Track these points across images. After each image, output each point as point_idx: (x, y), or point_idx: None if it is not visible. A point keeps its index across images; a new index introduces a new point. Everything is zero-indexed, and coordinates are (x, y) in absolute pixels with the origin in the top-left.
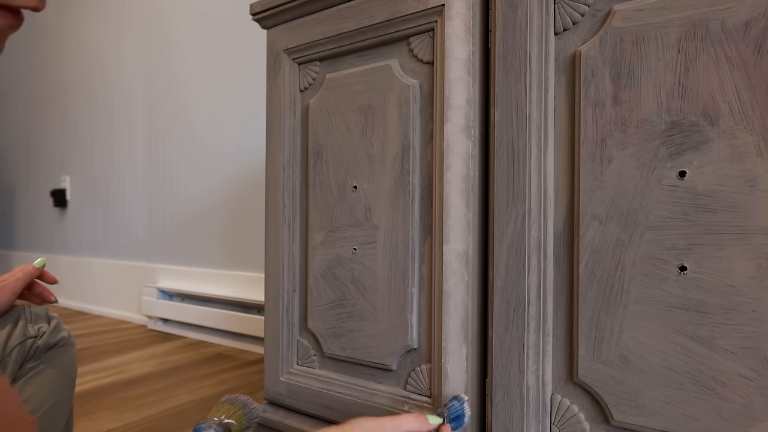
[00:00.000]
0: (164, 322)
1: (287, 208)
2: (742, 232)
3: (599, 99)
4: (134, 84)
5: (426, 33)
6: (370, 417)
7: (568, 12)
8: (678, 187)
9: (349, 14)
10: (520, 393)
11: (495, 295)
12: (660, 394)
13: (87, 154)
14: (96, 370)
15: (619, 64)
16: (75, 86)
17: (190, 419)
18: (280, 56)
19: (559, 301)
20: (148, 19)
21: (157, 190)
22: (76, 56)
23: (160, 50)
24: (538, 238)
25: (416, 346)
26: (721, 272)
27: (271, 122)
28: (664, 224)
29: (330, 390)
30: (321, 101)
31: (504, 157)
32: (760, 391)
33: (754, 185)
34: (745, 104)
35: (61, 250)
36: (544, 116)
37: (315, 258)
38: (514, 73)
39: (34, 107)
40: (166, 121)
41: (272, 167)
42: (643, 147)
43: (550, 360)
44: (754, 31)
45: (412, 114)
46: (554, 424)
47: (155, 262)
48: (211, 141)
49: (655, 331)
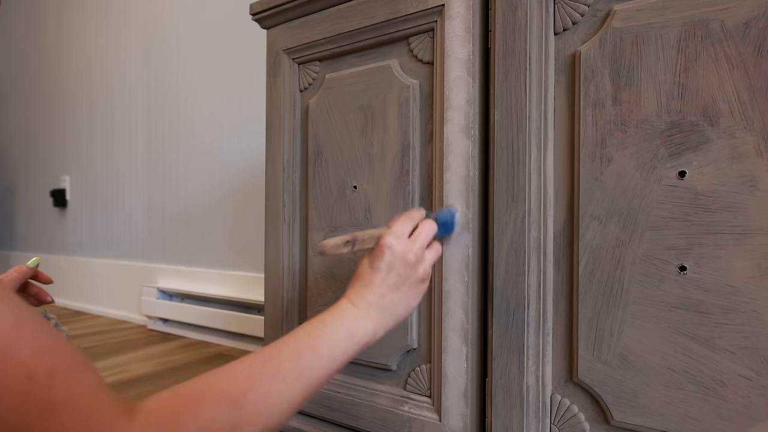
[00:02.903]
0: (164, 322)
1: (287, 208)
2: (742, 232)
3: (599, 99)
4: (134, 84)
5: (426, 33)
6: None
7: (568, 12)
8: (678, 187)
9: (349, 14)
10: (520, 393)
11: (495, 295)
12: (660, 394)
13: (87, 154)
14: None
15: (619, 64)
16: (75, 86)
17: None
18: (280, 56)
19: (558, 301)
20: (147, 19)
21: (156, 190)
22: (76, 56)
23: (160, 50)
24: (537, 238)
25: (416, 346)
26: (720, 272)
27: (270, 122)
28: (664, 224)
29: (330, 390)
30: (321, 101)
31: (504, 157)
32: (760, 391)
33: (753, 185)
34: (744, 104)
35: (60, 250)
36: (543, 116)
37: (315, 258)
38: (514, 73)
39: (34, 107)
40: (166, 121)
41: (272, 167)
42: (642, 147)
43: (549, 360)
44: (754, 31)
45: (412, 114)
46: (554, 424)
47: (155, 262)
48: (211, 141)
49: (655, 331)
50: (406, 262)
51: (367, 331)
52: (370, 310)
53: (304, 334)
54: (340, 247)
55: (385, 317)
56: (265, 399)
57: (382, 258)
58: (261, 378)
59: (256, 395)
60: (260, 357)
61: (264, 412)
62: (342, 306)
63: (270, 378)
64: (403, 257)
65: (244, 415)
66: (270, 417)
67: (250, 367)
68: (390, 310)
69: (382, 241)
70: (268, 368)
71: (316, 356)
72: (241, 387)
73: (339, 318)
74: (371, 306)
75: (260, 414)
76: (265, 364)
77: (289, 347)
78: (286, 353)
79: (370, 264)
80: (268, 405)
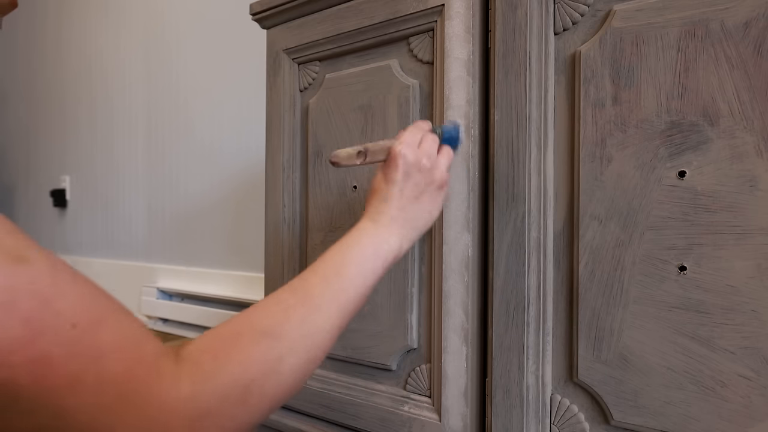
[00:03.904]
0: (164, 322)
1: (287, 208)
2: (742, 232)
3: (599, 99)
4: (134, 84)
5: (426, 33)
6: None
7: (567, 12)
8: (678, 187)
9: (349, 14)
10: (520, 393)
11: (495, 295)
12: (660, 394)
13: (87, 154)
14: None
15: (619, 64)
16: (75, 86)
17: None
18: (280, 56)
19: (558, 301)
20: (148, 19)
21: (156, 190)
22: (76, 56)
23: (160, 50)
24: (537, 238)
25: (416, 346)
26: (720, 272)
27: (270, 122)
28: (664, 224)
29: (329, 390)
30: (321, 101)
31: (504, 157)
32: (760, 391)
33: (753, 185)
34: (744, 104)
35: (60, 250)
36: (543, 116)
37: (315, 258)
38: (514, 73)
39: (34, 107)
40: (166, 121)
41: (272, 167)
42: (642, 147)
43: (549, 360)
44: (754, 31)
45: (412, 114)
46: (554, 424)
47: (155, 262)
48: (211, 141)
49: (655, 331)
50: (421, 168)
51: (392, 246)
52: (392, 224)
53: (329, 260)
54: (352, 157)
55: (408, 230)
56: (302, 328)
57: (397, 168)
58: (294, 308)
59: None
60: (290, 289)
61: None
62: (362, 225)
63: (303, 307)
64: (417, 164)
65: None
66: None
67: (283, 300)
68: (412, 222)
69: (393, 152)
70: (299, 298)
71: (345, 279)
72: (277, 319)
73: (361, 238)
74: (393, 220)
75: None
76: (296, 294)
77: (316, 274)
78: (314, 281)
79: (385, 177)
80: (306, 334)
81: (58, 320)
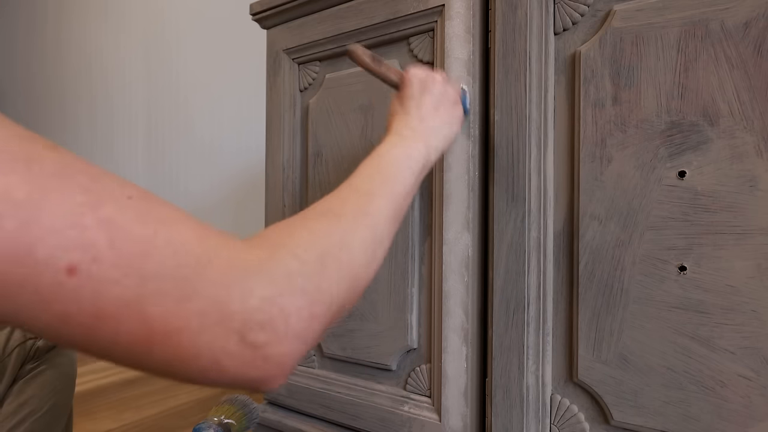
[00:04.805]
0: None
1: (287, 208)
2: (742, 232)
3: (599, 99)
4: (134, 83)
5: (426, 33)
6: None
7: (567, 12)
8: (677, 187)
9: (349, 14)
10: (520, 393)
11: (495, 295)
12: (660, 394)
13: (87, 154)
14: (96, 370)
15: (619, 64)
16: (75, 84)
17: (190, 419)
18: (280, 56)
19: (558, 301)
20: (147, 18)
21: (157, 190)
22: (75, 55)
23: (159, 50)
24: (537, 238)
25: (416, 346)
26: (720, 272)
27: (270, 122)
28: (664, 224)
29: (330, 390)
30: (321, 101)
31: (504, 157)
32: (760, 391)
33: (753, 185)
34: (744, 104)
35: None
36: (543, 116)
37: None
38: (514, 73)
39: (34, 105)
40: (166, 121)
41: (272, 167)
42: (642, 147)
43: (549, 360)
44: (754, 31)
45: None
46: (554, 424)
47: None
48: (211, 141)
49: (655, 331)
50: (435, 81)
51: (421, 152)
52: (416, 134)
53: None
54: (367, 55)
55: (431, 138)
56: (361, 207)
57: (411, 85)
58: (348, 196)
59: (352, 206)
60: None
61: (364, 219)
62: (388, 140)
63: (356, 194)
64: (431, 78)
65: (348, 221)
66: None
67: (334, 195)
68: (435, 131)
69: (406, 74)
70: (351, 190)
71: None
72: (335, 203)
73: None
74: (416, 130)
75: (361, 221)
76: (344, 189)
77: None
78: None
79: (401, 97)
80: (367, 212)
81: (113, 192)
